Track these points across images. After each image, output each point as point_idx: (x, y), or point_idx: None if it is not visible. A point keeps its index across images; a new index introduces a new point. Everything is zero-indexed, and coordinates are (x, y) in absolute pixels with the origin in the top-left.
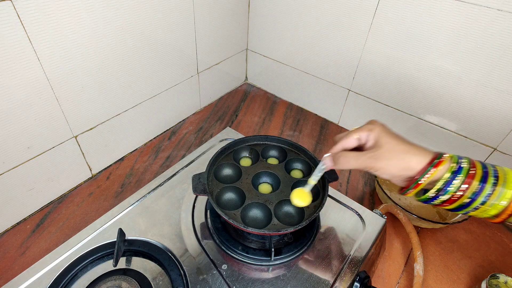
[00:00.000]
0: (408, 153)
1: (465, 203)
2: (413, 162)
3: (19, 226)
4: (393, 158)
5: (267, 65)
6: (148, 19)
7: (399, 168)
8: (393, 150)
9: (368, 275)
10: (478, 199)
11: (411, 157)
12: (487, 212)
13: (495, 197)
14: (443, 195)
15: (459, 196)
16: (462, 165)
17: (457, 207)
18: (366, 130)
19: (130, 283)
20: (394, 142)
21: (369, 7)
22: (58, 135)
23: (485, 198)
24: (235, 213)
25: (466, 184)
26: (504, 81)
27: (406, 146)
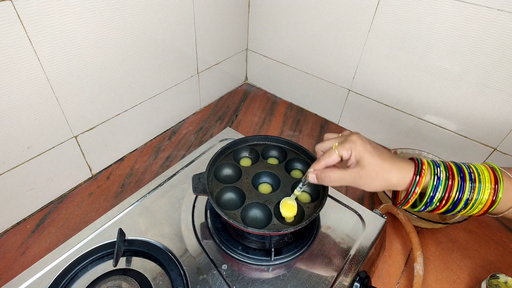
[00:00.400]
0: (390, 171)
1: (454, 203)
2: (394, 180)
3: (19, 226)
4: (375, 178)
5: (267, 65)
6: (148, 19)
7: (382, 186)
8: (374, 171)
9: (368, 275)
10: (462, 201)
11: (392, 176)
12: (474, 208)
13: (475, 196)
14: (431, 205)
15: (447, 198)
16: (440, 176)
17: (447, 209)
18: (348, 149)
19: (130, 283)
20: (375, 162)
21: (369, 7)
22: (58, 135)
23: (469, 195)
24: (235, 213)
25: (447, 193)
26: (504, 81)
27: (387, 164)
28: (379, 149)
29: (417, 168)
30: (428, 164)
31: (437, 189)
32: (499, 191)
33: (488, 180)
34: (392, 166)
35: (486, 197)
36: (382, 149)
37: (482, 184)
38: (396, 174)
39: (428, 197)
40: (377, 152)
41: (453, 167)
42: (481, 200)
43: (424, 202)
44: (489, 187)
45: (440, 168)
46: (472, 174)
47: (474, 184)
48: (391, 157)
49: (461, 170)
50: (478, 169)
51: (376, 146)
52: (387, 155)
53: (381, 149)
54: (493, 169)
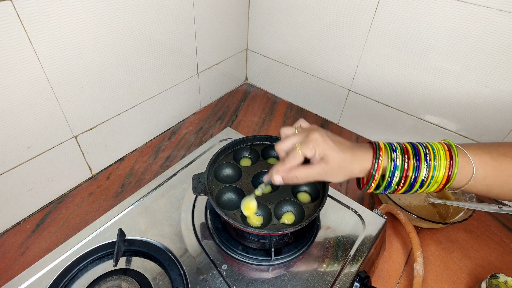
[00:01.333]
0: (352, 163)
1: (413, 180)
2: (356, 171)
3: (19, 226)
4: (339, 171)
5: (267, 65)
6: (148, 19)
7: (346, 177)
8: (338, 165)
9: (368, 275)
10: (420, 176)
11: (354, 167)
12: (430, 187)
13: (431, 173)
14: (390, 187)
15: (405, 176)
16: (397, 161)
17: (407, 188)
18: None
19: (130, 283)
20: (338, 157)
21: (369, 7)
22: (58, 135)
23: (425, 173)
24: (235, 213)
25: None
26: (504, 81)
27: (349, 157)
28: (340, 142)
29: (375, 155)
30: (385, 148)
31: (394, 173)
32: (454, 167)
33: (444, 157)
34: (353, 158)
35: (442, 174)
36: (343, 141)
37: (437, 162)
38: (358, 164)
39: (387, 181)
40: (339, 147)
41: (409, 148)
42: (437, 177)
43: (384, 185)
44: (444, 164)
45: (396, 153)
46: (428, 153)
47: (430, 163)
48: (351, 148)
49: (417, 150)
50: (434, 148)
51: (337, 140)
52: (348, 147)
53: (342, 142)
54: (449, 146)
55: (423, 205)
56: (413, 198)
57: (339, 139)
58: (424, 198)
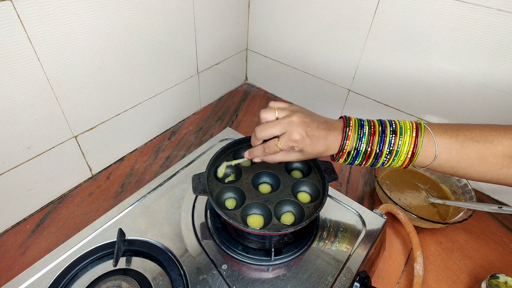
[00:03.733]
0: (326, 150)
1: (376, 156)
2: (331, 151)
3: (19, 226)
4: (315, 155)
5: (267, 65)
6: (148, 19)
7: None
8: (315, 151)
9: (368, 275)
10: (384, 149)
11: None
12: (396, 161)
13: (396, 146)
14: (358, 157)
15: (370, 151)
16: (364, 127)
17: (372, 161)
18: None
19: (130, 283)
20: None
21: (369, 7)
22: (58, 135)
23: (389, 147)
24: (235, 213)
25: (369, 146)
26: (504, 81)
27: (323, 147)
28: (316, 136)
29: (344, 135)
30: (354, 125)
31: (359, 151)
32: (418, 146)
33: (409, 136)
34: (326, 148)
35: (406, 149)
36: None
37: (402, 138)
38: (329, 151)
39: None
40: (315, 142)
41: (376, 124)
42: (402, 151)
43: (352, 156)
44: (409, 140)
45: (363, 129)
46: (394, 129)
47: (395, 138)
48: (326, 136)
49: (383, 125)
50: (401, 124)
51: (313, 135)
52: (322, 136)
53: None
54: (418, 125)
55: (423, 205)
56: (413, 198)
57: (316, 131)
58: (424, 198)
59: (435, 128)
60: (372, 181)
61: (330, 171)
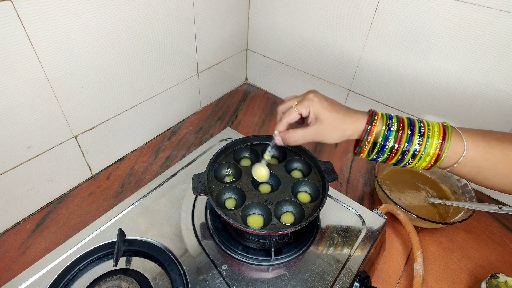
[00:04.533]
0: (344, 123)
1: (400, 158)
2: (349, 131)
3: (19, 226)
4: (333, 131)
5: (267, 65)
6: (148, 19)
7: (340, 137)
8: (332, 124)
9: (368, 275)
10: (410, 152)
11: (347, 126)
12: (420, 163)
13: (423, 148)
14: (383, 154)
15: (395, 152)
16: (392, 127)
17: (396, 161)
18: (305, 107)
19: (130, 283)
20: (332, 116)
21: (369, 7)
22: (58, 135)
23: (415, 150)
24: (235, 213)
25: (397, 143)
26: (504, 81)
27: (342, 116)
28: (335, 103)
29: (370, 118)
30: (381, 115)
31: (387, 139)
32: (446, 142)
33: (437, 135)
34: (346, 118)
35: (432, 150)
36: (338, 103)
37: (430, 139)
38: (351, 125)
39: (380, 146)
40: (332, 107)
41: (405, 120)
42: (428, 152)
43: (376, 151)
44: (436, 141)
45: (392, 120)
46: (422, 128)
47: (422, 138)
48: (346, 110)
49: (412, 123)
50: (429, 125)
51: (332, 101)
52: (343, 108)
53: (337, 103)
54: (445, 126)
55: (423, 205)
56: (413, 198)
57: (335, 101)
58: (424, 198)
59: (461, 128)
60: (372, 181)
61: (330, 171)
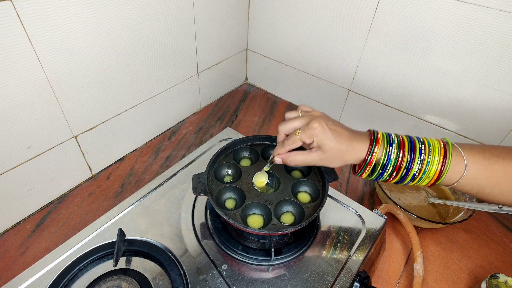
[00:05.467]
0: (347, 154)
1: (404, 174)
2: (351, 161)
3: (19, 226)
4: (334, 160)
5: (267, 65)
6: (148, 19)
7: (341, 165)
8: (334, 155)
9: (368, 275)
10: (413, 169)
11: (349, 158)
12: (422, 181)
13: (424, 167)
14: (383, 175)
15: (398, 168)
16: (391, 155)
17: (399, 179)
18: (309, 136)
19: (130, 283)
20: (335, 148)
21: (369, 7)
22: (58, 135)
23: (418, 166)
24: (235, 213)
25: (397, 166)
26: (504, 81)
27: (345, 148)
28: (338, 132)
29: (371, 147)
30: (382, 140)
31: (387, 166)
32: (447, 163)
33: (438, 153)
34: (349, 149)
35: (434, 169)
36: (341, 131)
37: (431, 157)
38: (353, 156)
39: (378, 172)
40: (336, 137)
41: (406, 141)
42: (430, 172)
43: (376, 175)
44: (437, 160)
45: (392, 147)
46: (423, 149)
47: (424, 158)
48: (349, 138)
49: (413, 144)
50: (430, 143)
51: (335, 129)
52: (345, 137)
53: (339, 132)
54: (445, 143)
55: (423, 205)
56: (413, 198)
57: (338, 129)
58: (424, 198)
59: (461, 145)
60: (372, 181)
61: (330, 171)
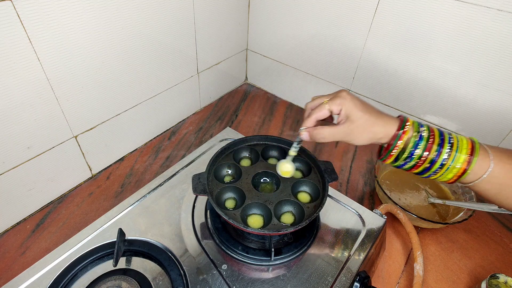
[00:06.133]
0: (376, 125)
1: (427, 167)
2: (380, 134)
3: (19, 226)
4: (363, 132)
5: (267, 65)
6: (148, 19)
7: (369, 139)
8: (363, 125)
9: (368, 275)
10: (437, 163)
11: (378, 129)
12: (445, 175)
13: (450, 161)
14: (410, 161)
15: (423, 160)
16: (423, 134)
17: (421, 170)
18: (337, 104)
19: (130, 283)
20: (364, 117)
21: (369, 7)
22: (58, 135)
23: (443, 162)
24: (235, 213)
25: (427, 151)
26: (504, 81)
27: (374, 119)
28: (367, 105)
29: (402, 124)
30: (413, 122)
31: (417, 146)
32: (473, 160)
33: (465, 150)
34: (378, 120)
35: (459, 164)
36: (370, 105)
37: (458, 153)
38: (382, 127)
39: (409, 152)
40: (365, 108)
41: (435, 130)
42: (455, 166)
43: (404, 157)
44: (464, 156)
45: (423, 128)
46: (452, 140)
47: (451, 149)
48: (378, 112)
49: (442, 134)
50: (458, 138)
51: (364, 102)
52: (375, 110)
53: (369, 105)
54: (473, 142)
55: (423, 205)
56: (413, 198)
57: (368, 104)
58: (424, 198)
59: (486, 144)
60: (372, 181)
61: (330, 171)
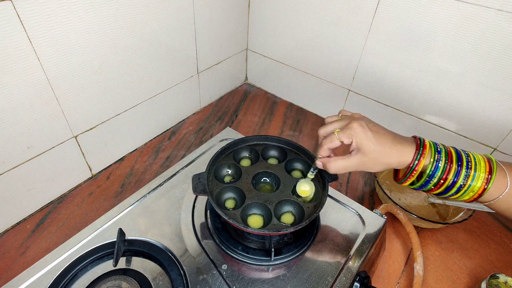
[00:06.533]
0: (390, 157)
1: (449, 186)
2: (394, 164)
3: (19, 226)
4: (377, 164)
5: (267, 65)
6: (148, 19)
7: (383, 169)
8: (376, 158)
9: (368, 275)
10: (458, 182)
11: (392, 161)
12: (467, 193)
13: (471, 179)
14: (427, 185)
15: (444, 179)
16: (440, 158)
17: (443, 190)
18: (348, 136)
19: (130, 283)
20: (376, 150)
21: (369, 7)
22: (58, 135)
23: (463, 181)
24: (235, 213)
25: (446, 173)
26: (504, 81)
27: (387, 150)
28: (380, 133)
29: (418, 151)
30: (429, 147)
31: (434, 174)
32: (491, 178)
33: (483, 169)
34: (392, 151)
35: (478, 185)
36: (383, 133)
37: (477, 172)
38: (396, 159)
39: (425, 180)
40: (377, 139)
41: (453, 153)
42: (474, 187)
43: (421, 183)
44: (483, 176)
45: (440, 155)
46: (470, 162)
47: (470, 171)
48: (392, 141)
49: (460, 157)
50: (476, 158)
51: (377, 131)
52: (388, 139)
53: (382, 133)
54: (490, 160)
55: (423, 205)
56: (413, 198)
57: (380, 130)
58: (424, 198)
59: (503, 162)
60: (372, 181)
61: None
